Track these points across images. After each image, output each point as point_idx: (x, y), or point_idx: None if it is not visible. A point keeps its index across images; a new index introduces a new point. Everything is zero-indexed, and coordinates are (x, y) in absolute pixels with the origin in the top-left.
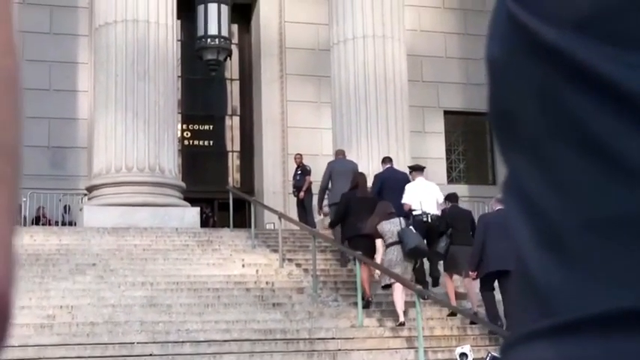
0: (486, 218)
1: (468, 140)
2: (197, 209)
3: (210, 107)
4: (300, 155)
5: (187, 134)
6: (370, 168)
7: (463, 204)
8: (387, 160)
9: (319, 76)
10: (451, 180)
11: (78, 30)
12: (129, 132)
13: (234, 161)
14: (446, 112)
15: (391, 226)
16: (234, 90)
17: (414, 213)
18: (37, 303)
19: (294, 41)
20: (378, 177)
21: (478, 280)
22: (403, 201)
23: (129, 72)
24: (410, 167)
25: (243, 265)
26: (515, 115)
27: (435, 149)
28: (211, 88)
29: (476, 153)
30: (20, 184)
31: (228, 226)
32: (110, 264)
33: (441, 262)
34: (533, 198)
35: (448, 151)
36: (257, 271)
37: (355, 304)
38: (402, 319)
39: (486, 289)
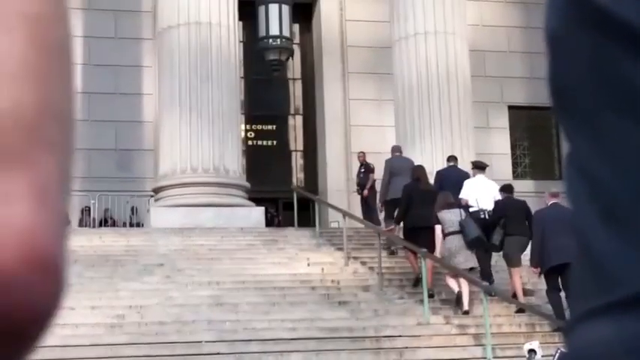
0: (542, 213)
1: (533, 135)
2: (262, 209)
3: (273, 107)
4: (363, 153)
5: (251, 134)
6: (434, 166)
7: (528, 199)
8: (451, 159)
9: (381, 73)
10: (516, 175)
11: (142, 34)
12: (193, 133)
13: (297, 160)
14: (510, 107)
15: (451, 216)
16: (296, 90)
17: (471, 209)
18: (107, 303)
19: (355, 39)
20: (439, 173)
21: (518, 274)
22: (460, 196)
23: (192, 74)
24: (473, 163)
25: (308, 264)
26: (573, 89)
27: (499, 145)
28: (274, 88)
29: (541, 148)
30: (73, 152)
31: (293, 226)
32: (177, 264)
33: (498, 256)
34: (594, 173)
35: (513, 147)
36: (322, 269)
37: (421, 301)
38: (466, 307)
39: (551, 287)
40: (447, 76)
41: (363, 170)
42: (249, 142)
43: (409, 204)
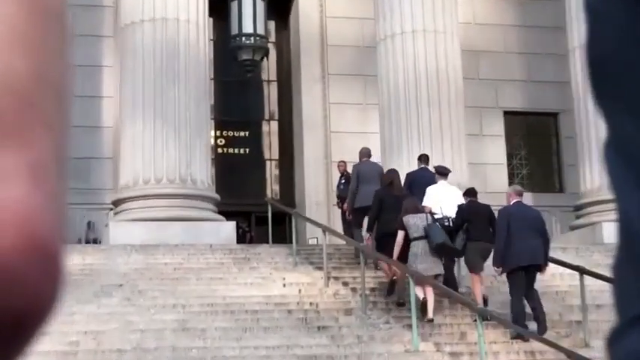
0: (507, 210)
1: (531, 143)
2: (233, 224)
3: (246, 112)
4: (344, 163)
5: (221, 141)
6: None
7: None
8: (422, 158)
9: (365, 75)
10: None
11: (102, 31)
12: (158, 140)
13: (272, 170)
14: (506, 113)
15: (417, 220)
16: (271, 93)
17: (436, 216)
18: (59, 328)
19: (336, 38)
20: (408, 176)
21: (479, 281)
22: (423, 203)
23: (157, 75)
24: (435, 168)
25: (284, 285)
26: (615, 63)
27: (494, 154)
28: (247, 91)
29: (540, 157)
30: (69, 129)
31: (267, 242)
32: (138, 285)
33: (461, 263)
34: None
35: (509, 156)
36: (300, 290)
37: (409, 326)
38: (431, 314)
39: (515, 289)
40: (437, 79)
41: (343, 181)
42: (220, 150)
43: (380, 210)
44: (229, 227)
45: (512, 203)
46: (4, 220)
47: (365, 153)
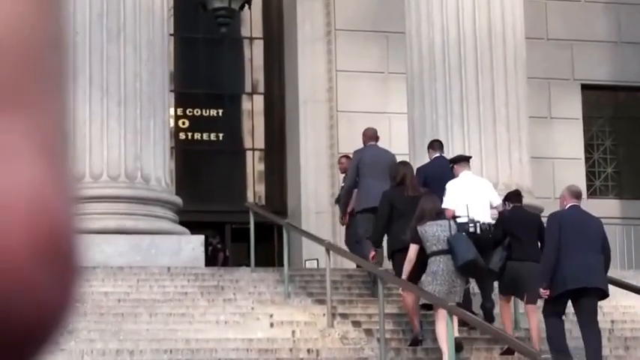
0: (558, 217)
1: (620, 130)
2: (200, 238)
3: (219, 82)
4: (347, 158)
5: (184, 124)
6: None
7: (611, 227)
8: (435, 145)
9: (387, 32)
10: (593, 191)
11: None
12: (95, 120)
13: (255, 165)
14: (585, 87)
15: (438, 230)
16: (255, 56)
17: (459, 221)
18: None
19: None
20: (420, 171)
21: (536, 315)
22: (444, 205)
23: (95, 29)
24: (451, 160)
25: (271, 324)
26: None
27: (567, 144)
28: (220, 54)
29: (632, 150)
30: (70, 91)
31: (248, 264)
32: (68, 322)
33: (496, 285)
34: None
35: (589, 148)
36: (293, 332)
37: None
38: (446, 357)
39: (553, 312)
40: (490, 39)
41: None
42: (182, 136)
43: (390, 218)
44: (195, 243)
45: (566, 208)
46: (13, 211)
47: (370, 135)
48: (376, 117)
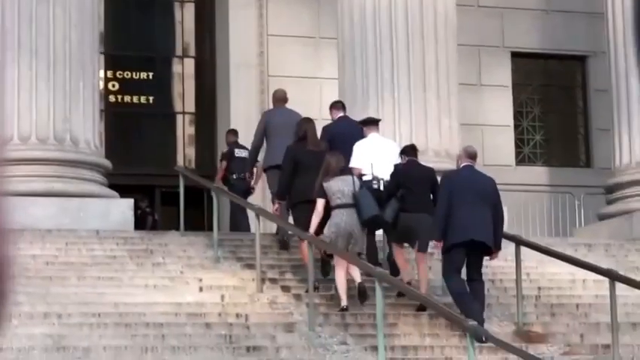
0: (452, 175)
1: (549, 99)
2: (129, 202)
3: (150, 44)
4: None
5: (114, 86)
6: (398, 140)
7: (539, 195)
8: (338, 106)
9: None
10: (522, 159)
11: None
12: (23, 82)
13: (185, 128)
14: (515, 55)
15: (342, 185)
16: (186, 18)
17: (364, 178)
18: None
19: None
20: (326, 130)
21: (424, 262)
22: (351, 164)
23: None
24: (361, 122)
25: (200, 289)
26: None
27: (497, 112)
28: (151, 15)
29: (560, 118)
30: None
31: (177, 229)
32: None
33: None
34: None
35: (518, 115)
36: (222, 297)
37: (374, 348)
38: (344, 302)
39: (452, 269)
40: (421, 6)
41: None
42: (112, 99)
43: (294, 171)
44: (124, 207)
45: (461, 167)
46: None
47: (279, 97)
48: (307, 82)
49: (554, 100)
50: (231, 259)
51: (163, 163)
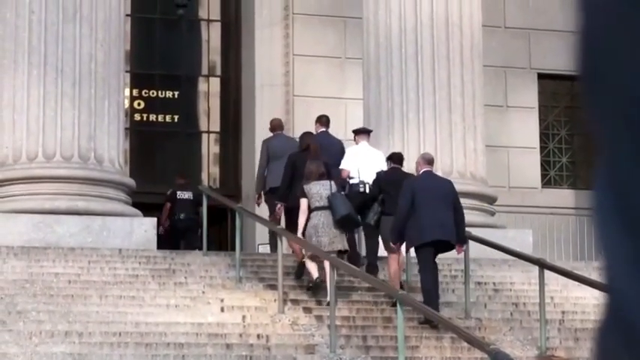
0: (413, 181)
1: (576, 120)
2: (153, 221)
3: (176, 64)
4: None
5: (139, 105)
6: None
7: (565, 217)
8: (323, 120)
9: (345, 17)
10: (548, 181)
11: None
12: (49, 100)
13: (210, 147)
14: (541, 76)
15: (320, 188)
16: (212, 38)
17: (351, 181)
18: None
19: None
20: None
21: (396, 261)
22: (341, 166)
23: (50, 9)
24: (354, 131)
25: (222, 309)
26: (617, 74)
27: (523, 134)
28: (177, 35)
29: (587, 140)
30: None
31: (201, 248)
32: (17, 303)
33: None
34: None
35: (544, 137)
36: (244, 317)
37: None
38: (329, 297)
39: (426, 266)
40: (447, 27)
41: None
42: (137, 117)
43: (293, 177)
44: (147, 226)
45: (420, 173)
46: None
47: (277, 125)
48: (332, 102)
49: (580, 122)
50: (254, 279)
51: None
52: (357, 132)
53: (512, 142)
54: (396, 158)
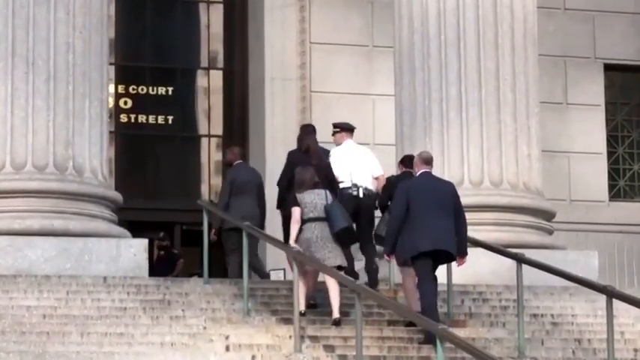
0: (407, 185)
1: None
2: (143, 242)
3: (169, 54)
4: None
5: (126, 104)
6: (465, 170)
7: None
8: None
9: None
10: (617, 193)
11: None
12: (18, 99)
13: (212, 155)
14: (609, 68)
15: (314, 198)
16: (213, 23)
17: (342, 186)
18: None
19: None
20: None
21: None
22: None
23: None
24: (335, 125)
25: (227, 348)
26: None
27: (587, 137)
28: (171, 19)
29: None
30: None
31: (200, 274)
32: None
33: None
34: None
35: (612, 140)
36: (253, 357)
37: None
38: (336, 314)
39: (424, 277)
40: (494, 9)
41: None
42: (123, 119)
43: (290, 183)
44: (137, 248)
45: (418, 174)
46: None
47: (235, 152)
48: (357, 99)
49: None
50: (264, 311)
51: (185, 195)
52: (341, 128)
53: (573, 147)
54: (408, 161)
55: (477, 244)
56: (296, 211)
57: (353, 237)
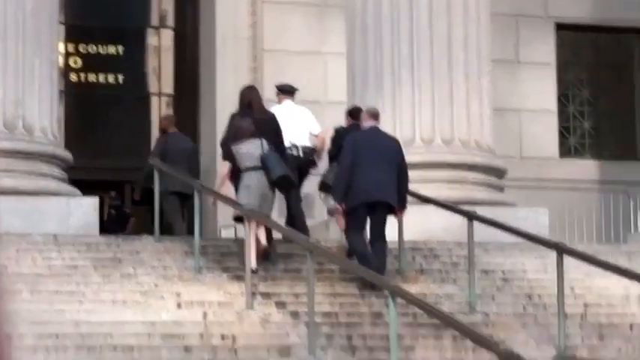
0: (355, 137)
1: (601, 79)
2: (94, 201)
3: (119, 13)
4: (170, 118)
5: (76, 63)
6: (417, 130)
7: (587, 193)
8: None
9: None
10: (567, 151)
11: None
12: None
13: (162, 114)
14: (560, 27)
15: (251, 148)
16: None
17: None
18: None
19: None
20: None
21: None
22: None
23: None
24: (277, 87)
25: (179, 305)
26: None
27: (538, 95)
28: None
29: (614, 103)
30: None
31: (151, 232)
32: None
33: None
34: None
35: (563, 99)
36: (205, 314)
37: None
38: (254, 264)
39: (356, 227)
40: None
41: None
42: (73, 78)
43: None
44: (87, 207)
45: (365, 128)
46: None
47: (168, 119)
48: (309, 58)
49: (606, 81)
50: (216, 269)
51: (135, 155)
52: (280, 90)
53: (524, 105)
54: (356, 113)
55: (429, 201)
56: (225, 166)
57: (289, 183)
